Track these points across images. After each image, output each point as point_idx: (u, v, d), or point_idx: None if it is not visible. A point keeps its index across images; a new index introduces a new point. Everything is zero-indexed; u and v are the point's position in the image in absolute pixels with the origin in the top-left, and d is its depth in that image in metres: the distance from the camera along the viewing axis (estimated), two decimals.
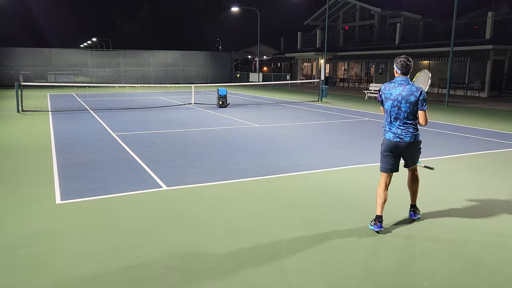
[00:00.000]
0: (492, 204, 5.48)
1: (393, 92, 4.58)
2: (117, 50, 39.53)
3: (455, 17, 19.45)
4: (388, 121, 4.64)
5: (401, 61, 4.60)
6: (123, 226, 4.66)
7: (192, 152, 8.57)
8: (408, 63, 4.59)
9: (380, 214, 4.55)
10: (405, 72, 4.59)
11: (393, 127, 4.59)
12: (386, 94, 4.65)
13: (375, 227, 4.50)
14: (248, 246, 4.17)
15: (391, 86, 4.63)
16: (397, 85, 4.58)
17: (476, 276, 3.62)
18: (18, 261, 3.82)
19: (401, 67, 4.59)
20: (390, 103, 4.59)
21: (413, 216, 4.88)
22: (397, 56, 4.73)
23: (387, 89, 4.64)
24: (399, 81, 4.59)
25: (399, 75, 4.64)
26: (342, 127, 12.51)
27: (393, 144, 4.58)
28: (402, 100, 4.50)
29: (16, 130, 11.52)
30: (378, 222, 4.51)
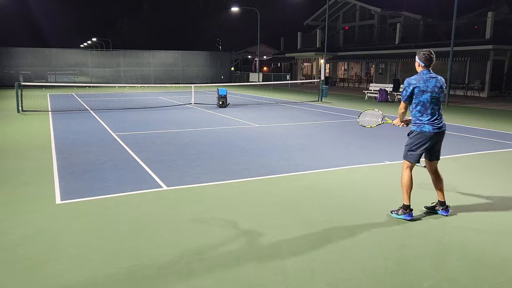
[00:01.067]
0: (492, 204, 5.48)
1: (429, 85, 4.66)
2: (117, 50, 39.53)
3: (455, 17, 19.45)
4: (427, 113, 4.69)
5: (424, 54, 4.69)
6: (123, 226, 4.66)
7: (192, 152, 8.57)
8: (432, 56, 4.69)
9: (408, 203, 4.81)
10: (428, 65, 4.70)
11: (432, 119, 4.69)
12: (421, 87, 4.65)
13: (407, 216, 4.77)
14: (248, 246, 4.17)
15: (424, 78, 4.68)
16: (429, 77, 4.68)
17: (476, 276, 3.62)
18: (18, 261, 3.82)
19: (425, 60, 4.69)
20: (429, 95, 4.66)
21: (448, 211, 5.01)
22: (419, 50, 4.82)
23: (422, 82, 4.67)
24: (429, 74, 4.70)
25: (423, 68, 4.72)
26: (342, 127, 12.51)
27: (433, 135, 4.71)
28: (439, 91, 4.69)
29: (16, 130, 11.52)
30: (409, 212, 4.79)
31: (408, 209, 4.81)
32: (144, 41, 59.87)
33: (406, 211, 4.81)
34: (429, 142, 4.74)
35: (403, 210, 4.84)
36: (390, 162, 7.71)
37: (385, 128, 11.60)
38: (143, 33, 67.56)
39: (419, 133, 4.75)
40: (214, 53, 43.60)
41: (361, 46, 35.83)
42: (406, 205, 4.83)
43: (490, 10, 26.67)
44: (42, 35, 78.64)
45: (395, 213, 4.91)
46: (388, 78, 32.90)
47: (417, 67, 4.80)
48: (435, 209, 5.06)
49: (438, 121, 4.73)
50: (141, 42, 59.31)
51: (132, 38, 67.51)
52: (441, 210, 5.01)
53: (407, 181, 4.84)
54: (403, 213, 4.83)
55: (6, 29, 75.30)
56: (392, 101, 22.33)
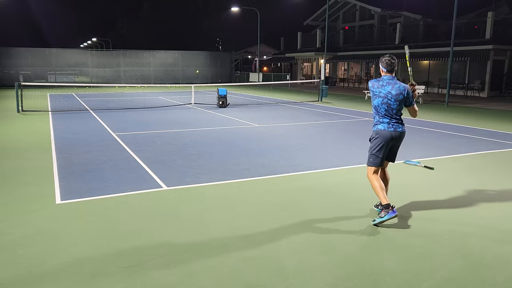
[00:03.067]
0: (492, 204, 5.47)
1: (382, 91, 4.75)
2: (117, 50, 39.51)
3: (455, 17, 19.45)
4: (378, 116, 4.85)
5: (385, 60, 4.77)
6: (123, 226, 4.66)
7: (192, 152, 8.57)
8: (393, 61, 4.75)
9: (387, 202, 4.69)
10: (390, 70, 4.77)
11: (384, 120, 4.81)
12: (375, 92, 4.79)
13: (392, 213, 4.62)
14: (248, 246, 4.17)
15: (379, 84, 4.77)
16: (385, 84, 4.75)
17: (476, 276, 3.62)
18: (18, 261, 3.82)
19: (386, 65, 4.77)
20: (380, 100, 4.77)
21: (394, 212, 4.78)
22: (382, 56, 4.88)
23: (375, 87, 4.79)
24: (387, 80, 4.76)
25: (385, 73, 4.81)
26: (342, 127, 12.51)
27: (388, 135, 4.78)
28: (392, 99, 4.72)
29: (16, 130, 11.52)
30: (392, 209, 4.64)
31: (390, 207, 4.64)
32: (144, 41, 59.98)
33: (388, 209, 4.64)
34: (387, 142, 4.79)
35: (385, 210, 4.65)
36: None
37: None
38: (143, 33, 67.69)
39: (377, 135, 4.84)
40: (214, 53, 43.57)
41: (361, 46, 35.83)
42: (386, 204, 4.67)
43: (490, 10, 26.67)
44: (42, 35, 78.72)
45: (378, 218, 4.67)
46: None
47: (381, 72, 4.89)
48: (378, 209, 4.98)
49: (392, 123, 4.78)
50: (141, 42, 59.41)
51: (132, 38, 67.62)
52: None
53: (378, 184, 4.76)
54: (386, 213, 4.63)
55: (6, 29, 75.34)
56: None
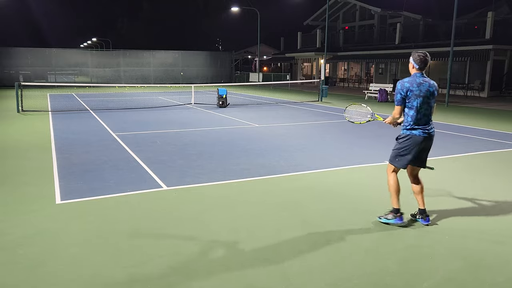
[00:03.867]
0: (492, 204, 5.47)
1: (422, 89, 4.46)
2: (117, 50, 39.53)
3: (455, 17, 19.44)
4: (416, 118, 4.49)
5: (420, 56, 4.48)
6: (123, 226, 4.66)
7: (192, 152, 8.57)
8: (427, 58, 4.48)
9: (398, 207, 4.64)
10: (423, 67, 4.50)
11: (421, 123, 4.51)
12: (415, 91, 4.44)
13: (398, 219, 4.61)
14: (248, 246, 4.17)
15: (417, 82, 4.46)
16: (421, 81, 4.47)
17: (476, 276, 3.62)
18: (18, 261, 3.82)
19: (419, 62, 4.48)
20: (420, 100, 4.45)
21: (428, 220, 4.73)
22: (414, 51, 4.58)
23: (415, 86, 4.45)
24: (422, 77, 4.50)
25: (416, 70, 4.52)
26: (342, 127, 12.51)
27: (421, 140, 4.53)
28: (430, 96, 4.50)
29: (16, 130, 11.52)
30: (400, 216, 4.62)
31: (399, 213, 4.63)
32: (144, 41, 59.97)
33: (397, 214, 4.62)
34: (418, 147, 4.55)
35: (394, 214, 4.64)
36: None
37: (385, 128, 11.60)
38: (143, 33, 67.67)
39: (409, 138, 4.55)
40: (214, 53, 43.58)
41: (361, 46, 35.83)
42: (396, 208, 4.64)
43: (490, 10, 26.67)
44: (42, 35, 78.70)
45: (384, 218, 4.70)
46: (388, 78, 32.91)
47: (411, 69, 4.59)
48: (416, 218, 4.81)
49: (429, 126, 4.56)
50: (141, 42, 59.40)
51: (132, 38, 67.59)
52: (420, 218, 4.74)
53: (394, 184, 4.67)
54: (394, 217, 4.63)
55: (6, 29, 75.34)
56: (392, 101, 22.33)
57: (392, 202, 4.69)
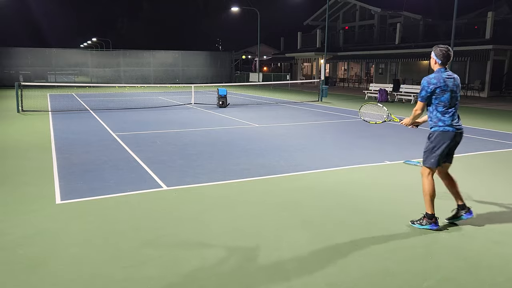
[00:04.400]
0: (492, 204, 5.47)
1: (448, 84, 4.39)
2: (117, 50, 39.54)
3: (455, 17, 19.45)
4: (448, 113, 4.42)
5: (442, 51, 4.40)
6: (123, 226, 4.66)
7: (192, 152, 8.57)
8: (450, 53, 4.40)
9: (432, 212, 4.53)
10: (445, 62, 4.42)
11: (453, 119, 4.44)
12: (442, 87, 4.36)
13: (433, 225, 4.51)
14: (248, 246, 4.17)
15: (444, 77, 4.39)
16: (447, 76, 4.41)
17: (476, 276, 3.62)
18: (18, 261, 3.82)
19: (442, 57, 4.40)
20: (449, 95, 4.39)
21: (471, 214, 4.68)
22: (437, 45, 4.50)
23: (442, 82, 4.37)
24: (447, 72, 4.43)
25: (439, 66, 4.44)
26: (342, 127, 12.51)
27: (453, 135, 4.45)
28: (457, 90, 4.46)
29: (16, 130, 11.52)
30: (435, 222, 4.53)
31: (434, 218, 4.52)
32: (144, 41, 60.01)
33: (432, 220, 4.51)
34: (449, 143, 4.45)
35: (428, 220, 4.52)
36: (390, 162, 7.70)
37: (385, 128, 11.60)
38: (143, 33, 67.70)
39: (442, 135, 4.44)
40: (214, 53, 43.59)
41: (361, 46, 35.83)
42: (431, 214, 4.51)
43: (490, 10, 26.67)
44: (42, 35, 78.73)
45: (418, 223, 4.59)
46: (388, 78, 32.91)
47: (433, 64, 4.49)
48: (458, 216, 4.68)
49: (458, 121, 4.49)
50: (141, 42, 59.44)
51: (132, 38, 67.62)
52: (464, 214, 4.62)
53: (430, 188, 4.50)
54: (428, 223, 4.52)
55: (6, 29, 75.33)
56: (392, 101, 22.34)
57: (426, 208, 4.55)
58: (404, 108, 18.55)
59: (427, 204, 4.55)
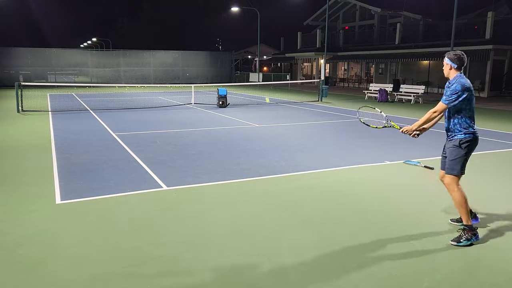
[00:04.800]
0: (492, 204, 5.47)
1: (472, 89, 4.33)
2: (117, 50, 39.54)
3: (455, 17, 19.44)
4: (474, 120, 4.39)
5: (456, 55, 4.28)
6: (123, 226, 4.66)
7: (192, 152, 8.56)
8: (464, 56, 4.31)
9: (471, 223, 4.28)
10: (461, 66, 4.31)
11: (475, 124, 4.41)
12: (472, 92, 4.29)
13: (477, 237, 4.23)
14: (248, 246, 4.17)
15: (468, 83, 4.28)
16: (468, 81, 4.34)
17: (476, 276, 3.62)
18: (18, 261, 3.82)
19: (458, 60, 4.28)
20: (474, 101, 4.34)
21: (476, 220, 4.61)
22: (448, 52, 4.42)
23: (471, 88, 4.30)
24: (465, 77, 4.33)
25: (456, 70, 4.32)
26: (342, 127, 12.51)
27: (478, 141, 4.42)
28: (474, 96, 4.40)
29: (16, 130, 11.52)
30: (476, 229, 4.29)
31: (475, 230, 4.24)
32: (144, 41, 60.02)
33: (474, 231, 4.22)
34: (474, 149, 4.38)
35: (472, 232, 4.20)
36: (390, 162, 7.71)
37: (385, 128, 11.59)
38: (143, 33, 67.69)
39: (474, 141, 4.33)
40: (214, 53, 43.59)
41: (361, 46, 35.83)
42: (471, 225, 4.25)
43: (490, 10, 26.67)
44: (42, 35, 78.72)
45: (465, 239, 4.16)
46: (388, 78, 32.91)
47: (448, 70, 4.33)
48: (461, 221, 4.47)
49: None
50: (141, 42, 59.44)
51: (132, 38, 67.61)
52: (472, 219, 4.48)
53: (463, 198, 4.26)
54: (473, 235, 4.20)
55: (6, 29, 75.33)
56: (392, 101, 22.34)
57: (464, 220, 4.28)
58: (404, 108, 18.55)
59: (464, 216, 4.26)
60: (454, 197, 4.33)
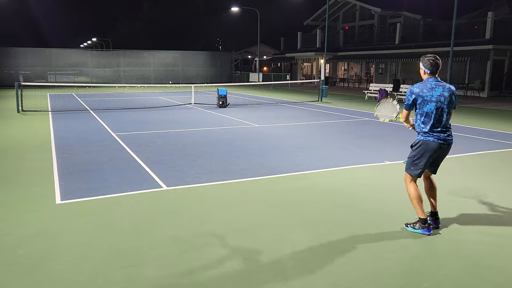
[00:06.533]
0: (492, 204, 5.47)
1: (434, 94, 4.27)
2: (117, 50, 39.55)
3: (455, 17, 19.44)
4: (430, 125, 4.32)
5: (429, 60, 4.30)
6: (123, 226, 4.66)
7: (192, 152, 8.56)
8: (437, 61, 4.29)
9: (425, 216, 4.45)
10: (434, 71, 4.31)
11: (436, 130, 4.33)
12: (426, 97, 4.27)
13: (426, 230, 4.42)
14: (248, 246, 4.17)
15: (428, 87, 4.29)
16: (434, 86, 4.29)
17: (476, 276, 3.62)
18: (18, 261, 3.82)
19: (430, 66, 4.30)
20: (433, 105, 4.27)
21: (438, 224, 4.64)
22: (424, 55, 4.40)
23: (425, 91, 4.28)
24: (435, 82, 4.32)
25: (428, 75, 4.34)
26: (342, 127, 12.51)
27: (435, 147, 4.34)
28: (445, 101, 4.28)
29: (16, 130, 11.52)
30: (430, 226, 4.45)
31: (426, 223, 4.44)
32: (144, 41, 59.86)
33: (425, 225, 4.43)
34: (431, 154, 4.37)
35: (421, 225, 4.45)
36: (390, 162, 7.71)
37: (385, 128, 11.60)
38: (143, 33, 67.53)
39: (423, 145, 4.36)
40: (214, 53, 43.59)
41: (361, 46, 35.82)
42: (423, 218, 4.44)
43: (490, 10, 26.66)
44: (42, 35, 78.70)
45: (411, 227, 4.52)
46: (388, 78, 32.91)
47: (422, 74, 4.41)
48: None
49: (444, 133, 4.35)
50: (141, 42, 59.30)
51: (132, 38, 67.48)
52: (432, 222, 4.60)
53: (414, 193, 4.47)
54: (421, 228, 4.44)
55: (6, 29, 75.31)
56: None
57: (417, 213, 4.50)
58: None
59: (417, 209, 4.49)
60: (407, 192, 4.58)
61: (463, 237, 4.42)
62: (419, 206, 4.46)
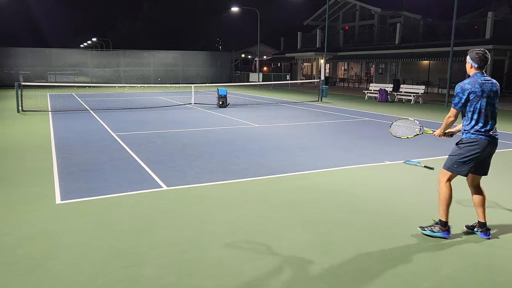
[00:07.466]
0: (492, 204, 5.47)
1: (485, 89, 4.13)
2: (117, 50, 39.57)
3: (455, 17, 19.44)
4: (482, 122, 4.20)
5: (478, 54, 4.12)
6: (123, 226, 4.66)
7: (192, 152, 8.56)
8: (487, 56, 4.13)
9: (446, 220, 4.31)
10: (482, 66, 4.17)
11: (487, 128, 4.21)
12: (477, 93, 4.11)
13: (445, 233, 4.31)
14: (248, 246, 4.17)
15: (479, 82, 4.13)
16: (484, 81, 4.15)
17: (476, 276, 3.62)
18: (18, 261, 3.82)
19: (479, 60, 4.13)
20: (485, 101, 4.14)
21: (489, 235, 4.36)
22: (471, 49, 4.23)
23: (477, 87, 4.12)
24: (484, 77, 4.18)
25: (476, 70, 4.18)
26: (342, 127, 12.51)
27: (486, 145, 4.21)
28: (494, 97, 4.20)
29: (16, 130, 11.52)
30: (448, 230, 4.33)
31: (447, 226, 4.30)
32: (144, 41, 59.89)
33: (445, 228, 4.30)
34: (482, 153, 4.20)
35: (441, 227, 4.30)
36: (390, 162, 7.71)
37: (385, 128, 11.59)
38: (143, 33, 67.59)
39: (474, 143, 4.18)
40: (214, 53, 43.60)
41: (361, 46, 35.84)
42: (444, 221, 4.29)
43: (490, 10, 26.68)
44: (42, 35, 78.69)
45: (429, 230, 4.35)
46: (388, 78, 32.92)
47: (469, 68, 4.23)
48: (473, 230, 4.46)
49: (493, 130, 4.25)
50: (141, 42, 59.32)
51: (132, 38, 67.52)
52: (480, 232, 4.36)
53: (447, 195, 4.27)
54: (441, 231, 4.30)
55: (6, 29, 75.31)
56: (392, 101, 22.33)
57: (440, 214, 4.33)
58: (404, 108, 18.56)
59: (442, 210, 4.31)
60: (439, 192, 4.38)
61: (463, 237, 4.41)
62: (446, 208, 4.30)
